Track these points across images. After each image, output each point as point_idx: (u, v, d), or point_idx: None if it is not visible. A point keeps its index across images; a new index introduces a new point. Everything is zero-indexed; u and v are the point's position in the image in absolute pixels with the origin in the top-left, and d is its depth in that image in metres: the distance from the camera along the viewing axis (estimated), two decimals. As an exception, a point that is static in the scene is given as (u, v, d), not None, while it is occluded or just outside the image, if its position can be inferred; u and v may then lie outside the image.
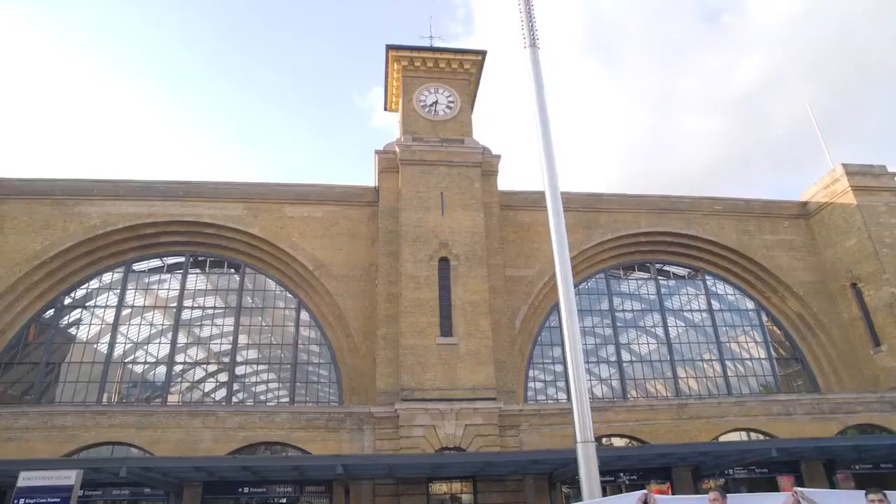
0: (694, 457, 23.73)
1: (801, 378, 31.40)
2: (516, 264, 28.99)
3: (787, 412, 27.13)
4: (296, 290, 28.71)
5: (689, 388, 30.21)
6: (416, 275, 25.67)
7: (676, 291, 32.68)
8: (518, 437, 24.61)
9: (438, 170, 27.85)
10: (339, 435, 24.09)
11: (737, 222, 32.84)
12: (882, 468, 23.99)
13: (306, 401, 27.05)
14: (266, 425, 24.08)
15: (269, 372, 28.72)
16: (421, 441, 23.04)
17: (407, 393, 23.78)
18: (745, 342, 31.98)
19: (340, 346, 27.48)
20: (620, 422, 26.01)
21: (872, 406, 27.51)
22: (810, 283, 31.99)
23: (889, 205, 31.71)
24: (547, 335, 29.26)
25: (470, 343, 24.74)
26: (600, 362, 30.23)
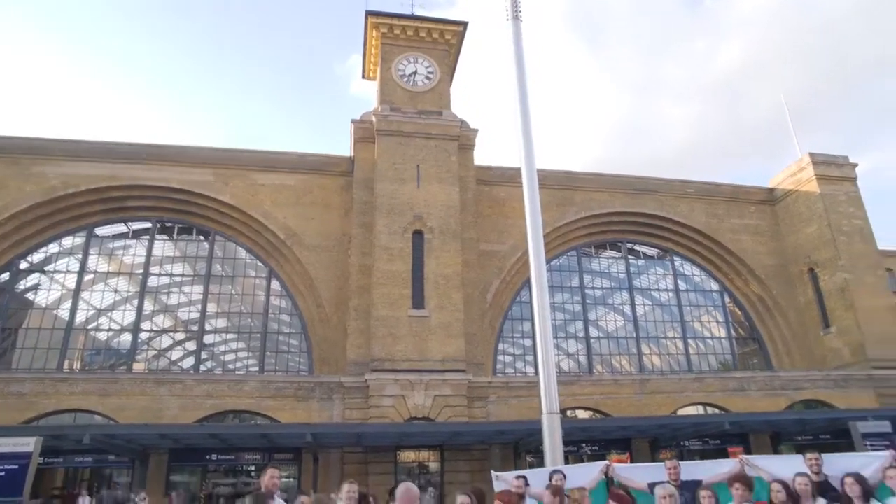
0: (653, 429, 24.74)
1: (756, 357, 32.68)
2: (490, 239, 29.24)
3: (742, 388, 28.28)
4: (267, 259, 28.50)
5: (652, 364, 31.20)
6: (390, 247, 25.71)
7: (645, 271, 33.47)
8: (486, 408, 25.12)
9: (415, 141, 27.74)
10: (309, 404, 24.24)
11: (707, 205, 33.60)
12: (821, 439, 25.39)
13: (276, 370, 27.09)
14: (235, 394, 24.08)
15: (239, 341, 28.61)
16: (390, 411, 23.35)
17: (377, 363, 24.00)
18: (707, 322, 33.07)
19: (311, 316, 27.49)
20: (585, 395, 26.74)
21: (818, 383, 28.92)
22: (772, 267, 33.06)
23: (849, 194, 32.86)
24: (518, 310, 29.73)
25: (441, 316, 25.01)
26: (568, 338, 30.94)
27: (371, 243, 26.18)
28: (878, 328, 29.63)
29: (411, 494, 5.30)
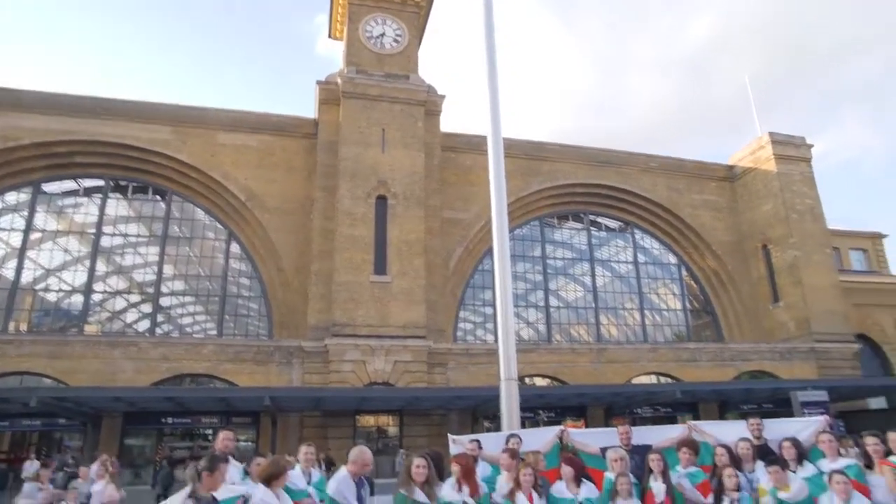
0: (608, 397, 25.49)
1: (709, 329, 33.78)
2: (454, 206, 29.17)
3: (694, 359, 29.26)
4: (226, 221, 27.88)
5: (609, 333, 31.95)
6: (353, 211, 25.43)
7: (606, 243, 34.01)
8: (446, 374, 25.41)
9: (381, 105, 27.26)
10: (268, 368, 24.11)
11: (668, 180, 34.12)
12: (764, 407, 26.61)
13: (235, 334, 26.78)
14: (192, 357, 23.75)
15: (197, 304, 28.10)
16: (350, 376, 23.41)
17: (338, 328, 23.94)
18: (664, 294, 33.94)
19: (272, 279, 27.15)
20: (543, 363, 27.27)
21: (765, 355, 30.17)
22: (728, 243, 33.96)
23: (804, 174, 33.84)
24: (479, 278, 29.92)
25: (403, 282, 25.00)
26: (528, 306, 31.38)
27: (334, 207, 25.84)
28: (822, 304, 30.92)
29: (365, 457, 5.32)
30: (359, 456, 5.35)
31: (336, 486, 5.20)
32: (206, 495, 4.38)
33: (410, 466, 5.54)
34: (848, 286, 33.82)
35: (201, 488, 4.40)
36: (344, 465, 5.55)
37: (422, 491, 5.40)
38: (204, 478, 4.44)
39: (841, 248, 37.93)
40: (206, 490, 4.40)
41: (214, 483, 4.45)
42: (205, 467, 4.49)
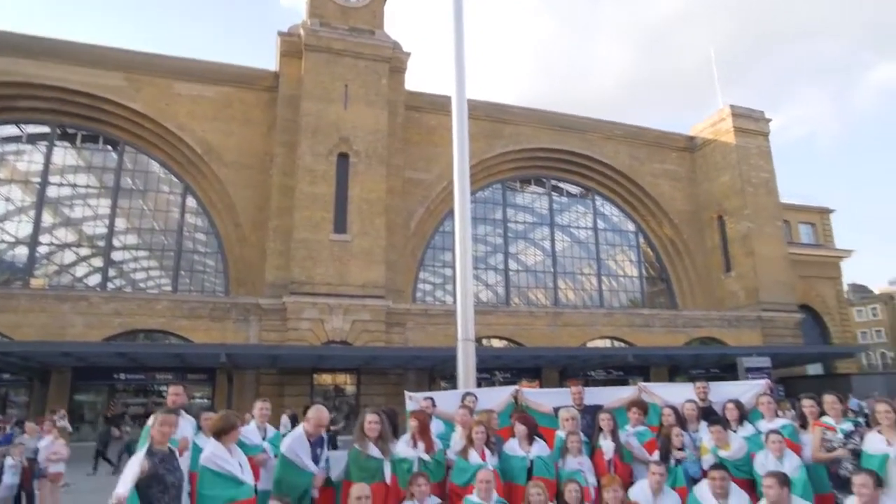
0: (563, 359, 26.12)
1: (663, 296, 34.73)
2: (416, 167, 28.87)
3: (647, 324, 30.13)
4: (182, 175, 26.99)
5: (566, 298, 32.53)
6: (314, 168, 24.93)
7: (567, 208, 34.32)
8: (404, 334, 25.54)
9: (344, 60, 26.50)
10: (224, 325, 23.81)
11: (630, 148, 34.41)
12: (711, 372, 27.77)
13: (190, 290, 26.24)
14: (146, 312, 23.25)
15: (151, 259, 27.36)
16: (308, 334, 23.31)
17: (296, 286, 23.71)
18: (621, 260, 34.64)
19: (229, 235, 26.57)
20: (501, 325, 27.67)
21: (714, 322, 31.29)
22: (685, 213, 34.68)
23: (760, 148, 34.63)
24: (440, 239, 29.89)
25: (363, 241, 24.80)
26: (488, 269, 31.65)
27: (294, 164, 25.27)
28: (771, 275, 32.10)
29: (321, 416, 5.29)
30: (315, 415, 5.32)
31: (289, 444, 5.18)
32: (162, 448, 4.35)
33: (364, 422, 5.57)
34: (795, 258, 35.19)
35: (155, 443, 4.37)
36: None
37: (376, 446, 5.44)
38: (155, 432, 4.39)
39: (791, 221, 39.17)
40: (158, 444, 4.37)
41: (162, 436, 4.41)
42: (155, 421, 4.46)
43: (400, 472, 5.70)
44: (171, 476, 4.26)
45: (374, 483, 5.20)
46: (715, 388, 7.35)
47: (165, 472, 4.24)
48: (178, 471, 4.37)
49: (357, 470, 5.38)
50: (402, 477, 5.65)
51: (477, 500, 5.22)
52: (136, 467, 4.12)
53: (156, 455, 4.27)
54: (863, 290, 64.72)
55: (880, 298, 60.48)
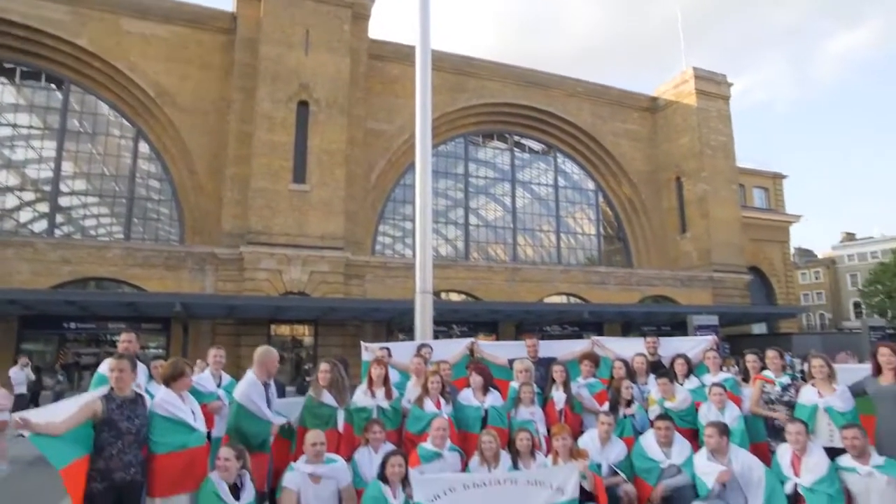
0: (520, 314, 26.60)
1: (620, 254, 35.48)
2: (378, 117, 28.30)
3: (603, 282, 30.81)
4: (134, 118, 25.83)
5: (525, 254, 32.94)
6: (273, 116, 24.18)
7: (528, 165, 34.38)
8: (362, 286, 25.52)
9: (305, 4, 25.41)
10: (179, 274, 23.32)
11: (593, 106, 34.40)
12: (662, 329, 28.74)
13: (144, 238, 25.51)
14: (96, 260, 22.54)
15: (101, 206, 26.37)
16: (265, 284, 23.06)
17: (253, 236, 23.30)
18: (580, 218, 35.11)
19: (184, 183, 25.76)
20: (460, 279, 27.89)
21: (667, 281, 32.22)
22: (645, 173, 35.13)
23: (721, 112, 35.12)
24: (401, 192, 29.66)
25: (322, 192, 24.39)
26: (448, 223, 31.69)
27: (252, 110, 24.46)
28: (723, 236, 33.07)
29: (271, 357, 5.23)
30: (264, 357, 5.24)
31: (243, 390, 5.12)
32: (124, 395, 4.28)
33: (318, 371, 5.59)
34: (747, 222, 36.29)
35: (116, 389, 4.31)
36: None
37: (329, 394, 5.46)
38: (113, 378, 4.32)
39: (746, 185, 40.21)
40: (118, 391, 4.29)
41: (115, 382, 4.33)
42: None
43: (358, 420, 5.76)
44: (126, 423, 4.19)
45: (327, 430, 5.23)
46: (664, 343, 7.60)
47: (120, 418, 4.16)
48: (139, 418, 4.30)
49: (311, 417, 5.41)
50: (359, 425, 5.72)
51: (431, 448, 5.32)
52: (73, 407, 4.06)
53: (114, 400, 4.20)
54: (808, 255, 67.29)
55: (823, 263, 63.09)
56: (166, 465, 4.33)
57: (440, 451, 5.31)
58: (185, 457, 4.39)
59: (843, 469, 4.82)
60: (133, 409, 4.28)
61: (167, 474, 4.34)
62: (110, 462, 4.06)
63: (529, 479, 5.01)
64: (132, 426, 4.21)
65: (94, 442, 4.09)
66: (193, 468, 4.43)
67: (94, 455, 4.06)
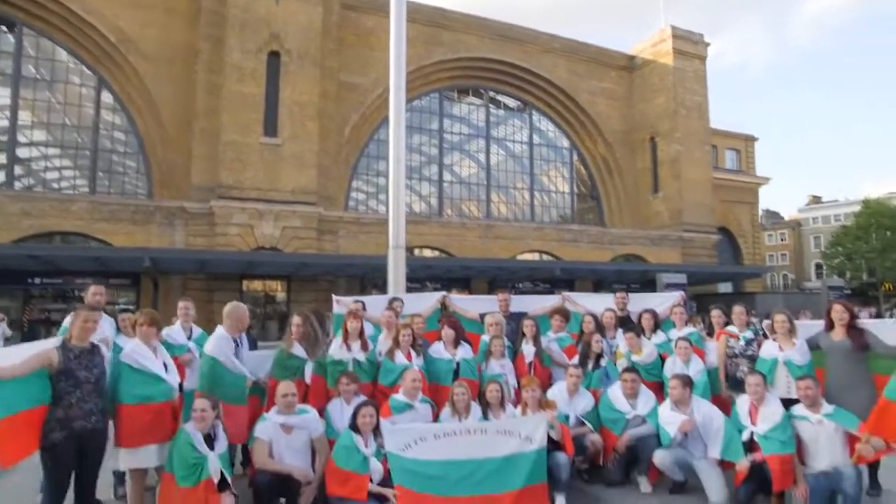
0: (492, 271, 26.82)
1: (592, 213, 35.77)
2: (352, 70, 27.61)
3: (576, 240, 31.14)
4: (95, 66, 24.78)
5: (498, 211, 33.01)
6: (242, 66, 23.42)
7: (504, 121, 34.12)
8: (335, 242, 25.37)
9: (275, -52, 24.40)
10: (148, 229, 22.87)
11: (570, 63, 34.04)
12: (633, 287, 29.28)
13: (109, 192, 24.84)
14: (60, 214, 21.94)
15: (64, 158, 25.48)
16: (236, 240, 22.77)
17: (224, 190, 22.85)
18: (554, 176, 35.16)
19: (151, 135, 24.99)
20: (433, 235, 27.90)
21: (639, 240, 32.71)
22: (620, 132, 35.15)
23: (697, 72, 35.08)
24: (374, 148, 29.26)
25: (294, 145, 23.92)
26: (422, 180, 31.47)
27: (221, 60, 23.65)
28: (695, 197, 33.50)
29: (239, 312, 5.18)
30: (233, 312, 5.19)
31: (214, 345, 5.08)
32: (81, 345, 4.22)
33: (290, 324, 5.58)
34: (718, 183, 36.77)
35: (73, 339, 4.23)
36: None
37: (300, 346, 5.47)
38: (75, 328, 4.24)
39: (718, 146, 40.55)
40: (76, 341, 4.23)
41: (83, 333, 4.25)
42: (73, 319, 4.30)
43: (333, 373, 5.80)
44: (84, 372, 4.15)
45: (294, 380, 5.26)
46: (633, 298, 7.74)
47: (78, 367, 4.12)
48: (97, 368, 4.26)
49: (280, 369, 5.42)
50: (335, 377, 5.75)
51: (402, 399, 5.39)
52: (32, 358, 3.99)
53: (71, 350, 4.15)
54: (775, 217, 68.68)
55: (789, 225, 64.49)
56: (133, 416, 4.32)
57: (411, 402, 5.39)
58: (152, 409, 4.37)
59: (796, 417, 5.03)
60: (91, 359, 4.24)
61: (134, 425, 4.33)
62: (70, 410, 4.03)
63: (499, 429, 5.14)
64: (90, 375, 4.18)
65: (52, 393, 4.03)
66: (160, 421, 4.42)
67: (53, 405, 4.02)
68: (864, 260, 44.74)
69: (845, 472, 4.63)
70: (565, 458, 5.23)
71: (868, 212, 45.07)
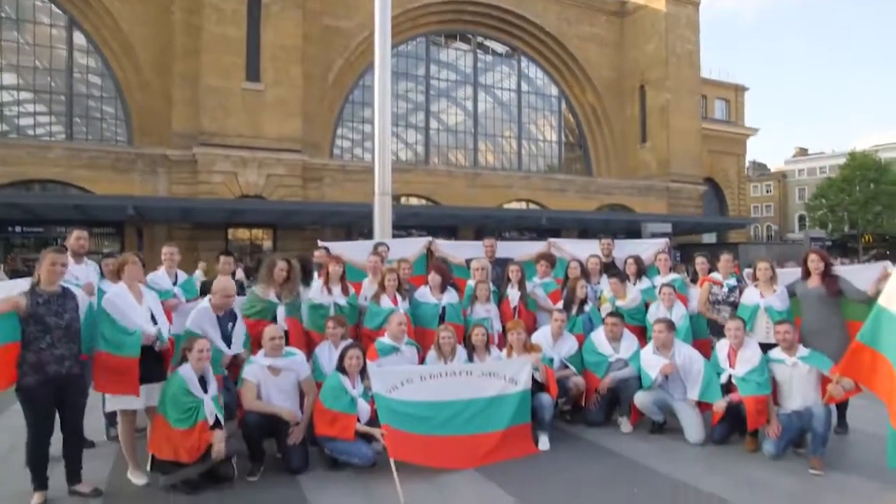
0: (479, 219, 26.83)
1: (580, 162, 35.63)
2: (336, 13, 26.72)
3: (563, 189, 31.10)
4: (64, 5, 23.77)
5: (485, 160, 32.75)
6: (222, 6, 22.59)
7: (492, 68, 33.46)
8: (321, 190, 25.13)
9: None
10: (130, 176, 22.48)
11: (560, 8, 33.18)
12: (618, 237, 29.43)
13: (88, 138, 24.24)
14: (37, 161, 21.45)
15: (38, 103, 24.74)
16: (220, 188, 22.48)
17: (206, 137, 22.40)
18: (542, 125, 34.82)
19: (128, 80, 24.26)
20: (420, 183, 27.72)
21: (626, 190, 32.75)
22: (609, 80, 34.63)
23: (689, 18, 34.39)
24: (359, 94, 28.68)
25: (278, 91, 23.37)
26: (408, 127, 31.04)
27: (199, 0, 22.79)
28: (683, 147, 33.38)
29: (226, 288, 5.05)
30: (219, 287, 5.04)
31: (195, 317, 4.94)
32: (51, 289, 4.10)
33: (273, 267, 5.51)
34: (707, 133, 36.61)
35: (42, 283, 4.10)
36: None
37: (276, 291, 5.43)
38: (43, 271, 4.10)
39: (708, 96, 40.22)
40: (45, 285, 4.09)
41: (50, 276, 4.10)
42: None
43: (314, 317, 5.81)
44: (54, 318, 4.02)
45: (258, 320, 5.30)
46: (619, 245, 7.76)
47: (47, 313, 4.01)
48: (69, 313, 4.13)
49: (249, 309, 5.38)
50: (315, 322, 5.78)
51: (388, 342, 5.44)
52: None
53: (39, 295, 4.03)
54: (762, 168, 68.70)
55: (774, 176, 64.65)
56: (104, 363, 4.24)
57: (397, 344, 5.43)
58: (118, 362, 4.25)
59: (773, 360, 5.17)
60: (62, 304, 4.09)
61: (105, 372, 4.27)
62: (41, 355, 3.97)
63: (484, 371, 5.24)
64: (61, 321, 4.04)
65: (21, 336, 3.97)
66: (126, 375, 4.27)
67: (24, 350, 3.97)
68: (846, 212, 45.26)
69: (816, 411, 4.78)
70: (549, 399, 5.35)
71: (853, 164, 45.35)
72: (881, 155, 48.49)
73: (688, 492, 4.27)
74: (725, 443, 5.29)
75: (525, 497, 4.15)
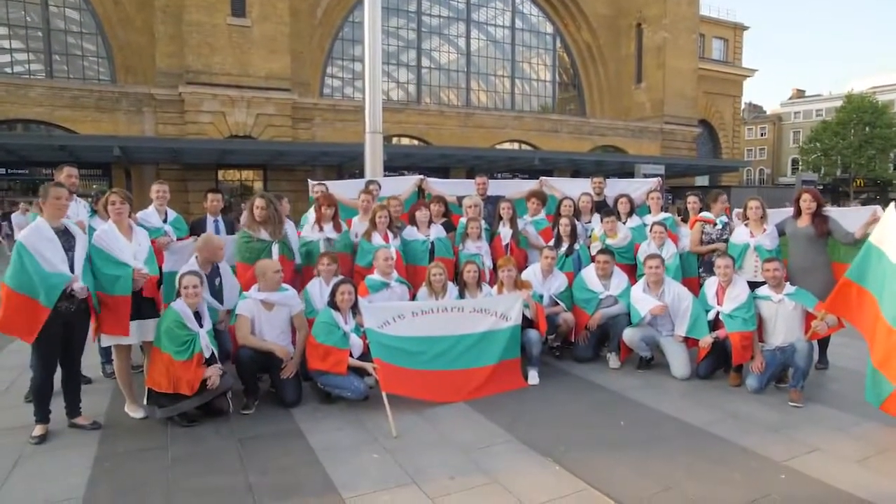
0: (471, 160, 26.60)
1: (574, 103, 35.07)
2: (323, -58, 25.69)
3: (556, 130, 30.75)
4: (35, -69, 22.64)
5: (478, 99, 32.17)
6: (204, -64, 21.61)
7: (485, 4, 32.40)
8: (311, 129, 24.73)
9: None
10: (115, 116, 21.99)
11: (556, -60, 31.95)
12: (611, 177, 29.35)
13: (69, 77, 23.53)
14: (17, 100, 20.89)
15: (14, 39, 23.83)
16: (209, 128, 22.06)
17: (192, 76, 21.81)
18: (536, 64, 34.03)
19: (108, 15, 23.38)
20: (411, 123, 27.32)
21: (619, 132, 32.41)
22: (605, 17, 33.68)
23: (690, -51, 33.13)
24: (349, 31, 27.83)
25: (265, 27, 22.63)
26: (400, 66, 30.27)
27: (179, -75, 21.77)
28: (678, 88, 32.82)
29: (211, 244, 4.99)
30: (204, 244, 4.96)
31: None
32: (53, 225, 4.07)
33: (253, 207, 5.46)
34: (703, 73, 35.92)
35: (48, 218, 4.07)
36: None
37: (264, 230, 5.41)
38: (46, 208, 4.06)
39: (706, 35, 39.25)
40: (51, 220, 4.06)
41: (56, 211, 4.06)
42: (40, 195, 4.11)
43: (304, 253, 5.83)
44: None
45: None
46: (610, 183, 7.75)
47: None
48: (71, 250, 4.12)
49: (245, 251, 5.37)
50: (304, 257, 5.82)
51: (377, 278, 5.46)
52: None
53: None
54: (758, 111, 67.81)
55: (770, 119, 63.90)
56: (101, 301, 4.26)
57: (387, 280, 5.46)
58: (110, 300, 4.24)
59: (759, 297, 5.25)
60: (68, 241, 4.10)
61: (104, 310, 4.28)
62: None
63: (475, 307, 5.29)
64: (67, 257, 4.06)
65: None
66: (117, 313, 4.26)
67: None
68: (840, 156, 45.06)
69: (798, 346, 4.89)
70: (537, 334, 5.43)
71: (850, 107, 44.79)
72: (879, 97, 47.87)
73: (672, 424, 4.39)
74: (710, 378, 5.42)
75: (513, 429, 4.26)
